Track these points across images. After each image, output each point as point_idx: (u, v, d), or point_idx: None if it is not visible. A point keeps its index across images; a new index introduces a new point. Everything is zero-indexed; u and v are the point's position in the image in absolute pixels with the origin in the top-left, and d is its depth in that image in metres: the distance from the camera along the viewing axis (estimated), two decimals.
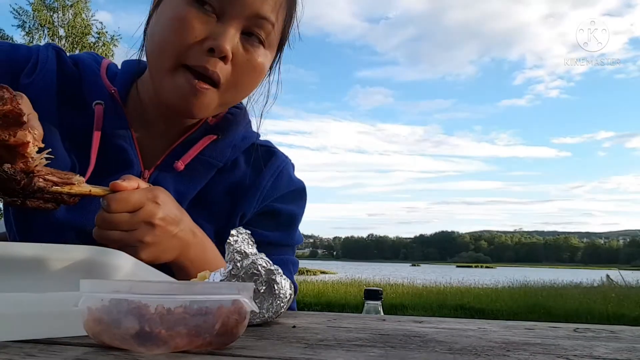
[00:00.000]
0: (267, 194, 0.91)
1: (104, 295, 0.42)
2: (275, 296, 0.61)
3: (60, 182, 0.61)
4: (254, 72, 0.80)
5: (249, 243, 0.62)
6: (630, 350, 0.50)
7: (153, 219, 0.68)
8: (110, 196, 0.66)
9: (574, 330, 0.65)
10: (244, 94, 0.84)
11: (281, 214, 0.93)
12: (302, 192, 0.97)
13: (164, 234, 0.69)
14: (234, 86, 0.79)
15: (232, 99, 0.82)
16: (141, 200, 0.68)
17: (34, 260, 0.55)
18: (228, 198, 0.89)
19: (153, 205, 0.68)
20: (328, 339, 0.52)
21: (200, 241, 0.77)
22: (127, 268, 0.61)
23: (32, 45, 0.86)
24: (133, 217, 0.67)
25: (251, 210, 0.89)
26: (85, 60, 0.87)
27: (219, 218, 0.88)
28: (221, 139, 0.88)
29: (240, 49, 0.77)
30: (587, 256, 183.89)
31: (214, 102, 0.78)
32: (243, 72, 0.78)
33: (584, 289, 12.77)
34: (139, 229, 0.67)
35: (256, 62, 0.79)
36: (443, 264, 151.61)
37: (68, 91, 0.83)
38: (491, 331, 0.62)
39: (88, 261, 0.58)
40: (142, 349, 0.41)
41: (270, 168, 0.92)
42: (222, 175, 0.89)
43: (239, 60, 0.77)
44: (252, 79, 0.81)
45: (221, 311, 0.44)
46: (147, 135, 0.86)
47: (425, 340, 0.53)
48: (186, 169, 0.85)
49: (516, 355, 0.46)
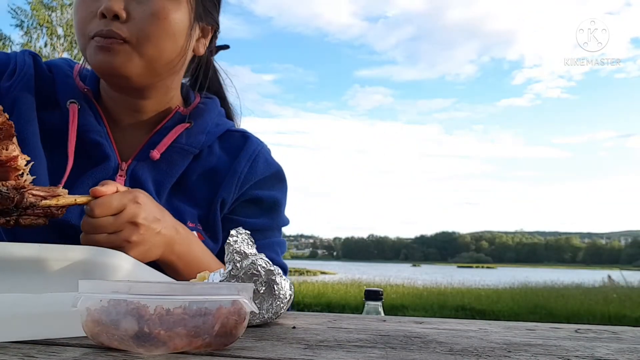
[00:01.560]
0: (244, 179, 0.92)
1: (102, 295, 0.42)
2: (275, 297, 0.61)
3: (48, 196, 0.62)
4: (156, 19, 0.81)
5: (248, 243, 0.62)
6: (632, 351, 0.50)
7: (136, 218, 0.70)
8: (93, 202, 0.68)
9: (576, 331, 0.65)
10: (164, 47, 0.83)
11: (264, 201, 0.95)
12: (281, 177, 0.99)
13: (148, 232, 0.72)
14: (145, 39, 0.80)
15: (154, 54, 0.82)
16: (122, 202, 0.70)
17: (32, 260, 0.54)
18: (206, 184, 0.91)
19: (134, 205, 0.71)
20: (328, 340, 0.52)
21: (185, 237, 0.79)
22: (126, 268, 0.61)
23: (10, 52, 0.91)
24: (117, 219, 0.69)
25: (230, 196, 0.91)
26: (59, 64, 0.92)
27: (199, 204, 0.90)
28: (194, 126, 0.90)
29: (134, 3, 0.80)
30: (588, 256, 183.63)
31: (133, 57, 0.80)
32: (145, 22, 0.80)
33: (586, 290, 12.77)
34: (124, 229, 0.70)
35: (154, 9, 0.80)
36: (444, 265, 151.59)
37: (44, 93, 0.87)
38: (492, 332, 0.62)
39: (87, 261, 0.58)
40: (141, 349, 0.41)
41: (245, 153, 0.94)
42: (198, 162, 0.91)
43: (135, 13, 0.79)
44: (158, 26, 0.81)
45: (220, 312, 0.43)
46: (121, 128, 0.89)
47: (426, 341, 0.53)
48: (162, 158, 0.87)
49: (517, 356, 0.46)
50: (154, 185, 0.86)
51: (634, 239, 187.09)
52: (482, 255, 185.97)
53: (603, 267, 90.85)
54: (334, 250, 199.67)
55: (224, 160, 0.93)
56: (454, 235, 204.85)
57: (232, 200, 0.92)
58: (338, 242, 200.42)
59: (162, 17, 0.81)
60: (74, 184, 0.82)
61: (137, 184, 0.84)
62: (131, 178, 0.85)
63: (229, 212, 0.92)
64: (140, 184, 0.84)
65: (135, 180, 0.85)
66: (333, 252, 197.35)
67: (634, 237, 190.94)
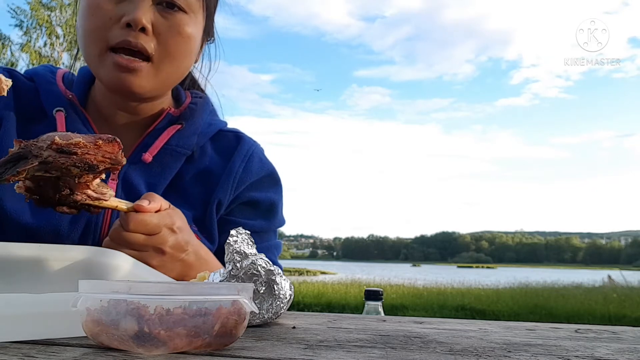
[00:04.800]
0: (240, 179, 0.92)
1: (102, 295, 0.42)
2: (275, 297, 0.61)
3: (94, 197, 0.63)
4: (180, 37, 0.81)
5: (248, 243, 0.62)
6: (632, 351, 0.50)
7: (164, 246, 0.70)
8: (131, 215, 0.68)
9: (576, 331, 0.65)
10: (180, 63, 0.84)
11: (260, 203, 0.95)
12: (276, 178, 0.98)
13: (170, 259, 0.72)
14: (166, 55, 0.80)
15: (170, 70, 0.83)
16: (159, 225, 0.70)
17: (32, 260, 0.54)
18: (200, 185, 0.90)
19: (168, 232, 0.71)
20: (328, 340, 0.52)
21: (204, 261, 0.79)
22: (126, 268, 0.61)
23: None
24: (147, 240, 0.69)
25: (226, 197, 0.91)
26: (40, 73, 0.91)
27: (194, 206, 0.89)
28: (186, 128, 0.90)
29: (160, 18, 0.79)
30: (588, 256, 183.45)
31: (151, 76, 0.80)
32: (168, 39, 0.79)
33: (586, 290, 12.76)
34: (149, 251, 0.70)
35: (179, 27, 0.80)
36: (444, 265, 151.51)
37: (27, 105, 0.86)
38: (492, 332, 0.62)
39: (87, 261, 0.58)
40: (141, 349, 0.41)
41: (239, 153, 0.94)
42: (191, 163, 0.91)
43: (161, 29, 0.79)
44: (180, 44, 0.81)
45: (220, 312, 0.43)
46: (112, 130, 0.89)
47: (426, 341, 0.53)
48: (154, 161, 0.86)
49: (517, 356, 0.46)
50: (147, 188, 0.85)
51: (634, 239, 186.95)
52: (482, 255, 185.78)
53: (603, 267, 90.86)
54: (334, 250, 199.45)
55: (218, 161, 0.93)
56: (454, 235, 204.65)
57: (229, 201, 0.91)
58: (338, 242, 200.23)
59: (185, 34, 0.81)
60: None
61: (130, 188, 0.84)
62: (123, 182, 0.84)
63: (226, 213, 0.92)
64: (133, 188, 0.84)
65: (128, 183, 0.84)
66: (333, 252, 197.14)
67: (634, 237, 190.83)
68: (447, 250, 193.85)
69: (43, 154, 0.55)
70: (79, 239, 0.81)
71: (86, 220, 0.80)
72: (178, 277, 0.75)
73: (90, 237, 0.81)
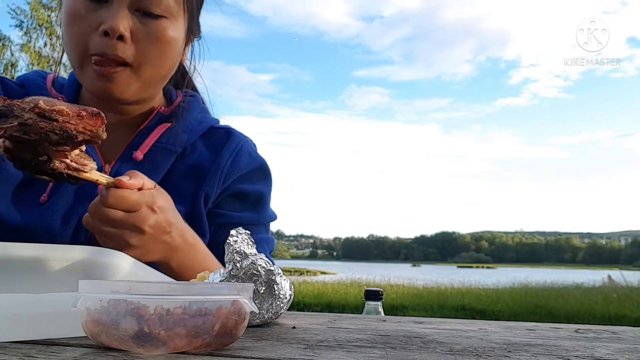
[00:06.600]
0: (227, 173, 0.92)
1: (102, 295, 0.42)
2: (275, 297, 0.61)
3: (74, 168, 0.63)
4: (159, 43, 0.81)
5: (248, 243, 0.62)
6: (632, 351, 0.50)
7: (143, 225, 0.69)
8: (111, 191, 0.67)
9: (576, 331, 0.65)
10: (162, 67, 0.84)
11: (248, 194, 0.94)
12: (265, 170, 0.98)
13: (151, 239, 0.71)
14: (146, 61, 0.80)
15: (153, 74, 0.83)
16: (139, 203, 0.69)
17: (32, 260, 0.54)
18: (190, 180, 0.91)
19: (149, 211, 0.70)
20: (328, 340, 0.52)
21: (191, 245, 0.78)
22: (126, 268, 0.61)
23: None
24: (125, 217, 0.68)
25: (214, 191, 0.91)
26: (30, 78, 0.91)
27: (185, 201, 0.89)
28: (176, 126, 0.90)
29: (138, 24, 0.79)
30: (588, 256, 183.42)
31: (132, 81, 0.80)
32: (147, 45, 0.80)
33: (586, 290, 12.75)
34: (127, 230, 0.69)
35: (158, 33, 0.80)
36: (444, 265, 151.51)
37: None
38: (492, 332, 0.62)
39: (86, 261, 0.58)
40: (141, 349, 0.41)
41: (228, 148, 0.94)
42: (182, 160, 0.91)
43: (139, 35, 0.79)
44: (161, 50, 0.81)
45: (220, 312, 0.43)
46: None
47: (426, 341, 0.53)
48: (145, 159, 0.87)
49: (517, 356, 0.46)
50: None
51: (634, 239, 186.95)
52: (482, 255, 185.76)
53: (603, 267, 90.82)
54: (334, 250, 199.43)
55: (208, 157, 0.93)
56: (454, 235, 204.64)
57: (216, 194, 0.91)
58: (338, 242, 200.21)
59: (164, 39, 0.81)
60: (57, 190, 0.82)
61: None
62: None
63: (213, 206, 0.92)
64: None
65: None
66: (333, 252, 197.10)
67: (634, 237, 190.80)
68: (447, 250, 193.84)
69: (24, 116, 0.55)
70: (71, 237, 0.81)
71: (78, 217, 0.80)
72: (163, 259, 0.75)
73: (82, 235, 0.81)
